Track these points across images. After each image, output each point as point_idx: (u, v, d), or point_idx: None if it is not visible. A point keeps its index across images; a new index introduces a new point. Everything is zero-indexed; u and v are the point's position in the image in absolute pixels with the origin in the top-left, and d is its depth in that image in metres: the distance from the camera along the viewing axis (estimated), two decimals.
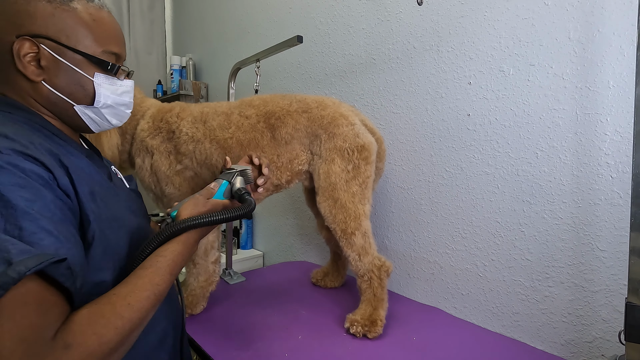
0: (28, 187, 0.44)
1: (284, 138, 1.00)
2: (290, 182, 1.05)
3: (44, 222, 0.43)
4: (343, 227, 0.98)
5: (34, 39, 0.55)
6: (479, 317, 1.06)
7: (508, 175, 0.99)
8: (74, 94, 0.60)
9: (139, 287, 0.50)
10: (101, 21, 0.60)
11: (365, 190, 0.99)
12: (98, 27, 0.59)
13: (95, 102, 0.61)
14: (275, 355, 0.86)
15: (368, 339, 0.93)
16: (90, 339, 0.42)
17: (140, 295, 0.49)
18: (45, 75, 0.57)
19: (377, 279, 0.97)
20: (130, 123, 1.04)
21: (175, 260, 0.57)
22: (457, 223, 1.10)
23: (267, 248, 1.88)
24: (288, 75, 1.67)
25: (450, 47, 1.09)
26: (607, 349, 0.85)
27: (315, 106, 1.02)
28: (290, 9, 1.65)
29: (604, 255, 0.85)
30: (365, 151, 0.98)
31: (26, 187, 0.43)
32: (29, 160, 0.46)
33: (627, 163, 0.81)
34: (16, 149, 0.46)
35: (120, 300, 0.47)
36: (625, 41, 0.81)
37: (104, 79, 0.61)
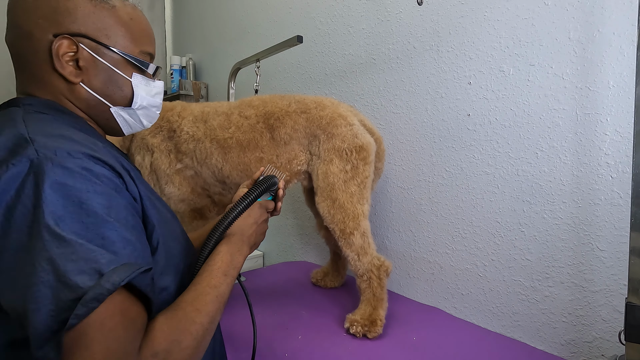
0: (104, 194, 0.42)
1: (282, 138, 1.00)
2: (289, 182, 1.05)
3: (122, 230, 0.42)
4: (342, 227, 0.98)
5: (73, 38, 0.52)
6: (479, 317, 1.06)
7: (508, 175, 0.99)
8: (111, 95, 0.57)
9: (201, 292, 0.50)
10: (137, 20, 0.58)
11: (363, 191, 0.99)
12: (135, 27, 0.57)
13: (132, 103, 0.60)
14: (275, 355, 0.86)
15: (368, 339, 0.93)
16: (172, 346, 0.42)
17: (205, 299, 0.49)
18: (84, 76, 0.55)
19: (376, 279, 0.97)
20: None
21: (224, 260, 0.57)
22: (457, 223, 1.10)
23: (267, 248, 1.88)
24: (288, 75, 1.67)
25: (450, 47, 1.09)
26: (607, 349, 0.85)
27: (314, 107, 1.02)
28: (290, 9, 1.65)
29: (604, 255, 0.85)
30: (363, 151, 0.99)
31: (102, 194, 0.42)
32: (99, 164, 0.44)
33: (627, 163, 0.81)
34: (86, 153, 0.43)
35: (189, 307, 0.47)
36: (625, 41, 0.81)
37: (141, 79, 0.59)
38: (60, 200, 0.38)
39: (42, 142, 0.42)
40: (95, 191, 0.41)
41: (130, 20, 0.57)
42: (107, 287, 0.37)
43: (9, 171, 0.39)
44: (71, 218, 0.39)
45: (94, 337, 0.36)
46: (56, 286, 0.36)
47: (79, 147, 0.44)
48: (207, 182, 1.06)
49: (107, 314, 0.37)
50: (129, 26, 0.57)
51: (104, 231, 0.40)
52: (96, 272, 0.37)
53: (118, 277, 0.38)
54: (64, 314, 0.35)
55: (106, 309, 0.37)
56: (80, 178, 0.41)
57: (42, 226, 0.37)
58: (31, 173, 0.39)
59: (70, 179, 0.40)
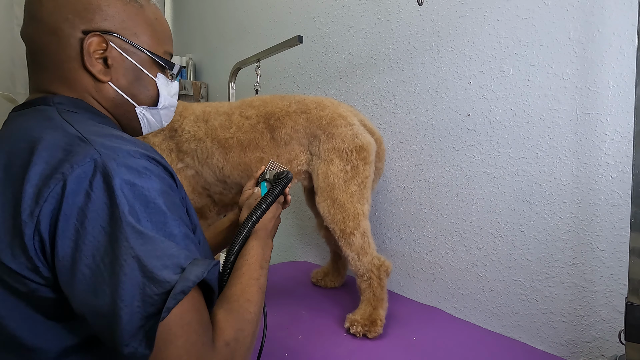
0: (165, 193, 0.43)
1: (283, 139, 1.00)
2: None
3: (183, 227, 0.43)
4: (342, 227, 0.98)
5: (104, 36, 0.51)
6: (479, 317, 1.06)
7: (508, 175, 0.99)
8: (137, 95, 0.57)
9: (247, 285, 0.53)
10: (161, 20, 0.58)
11: (364, 190, 0.99)
12: (159, 27, 0.58)
13: (158, 103, 0.60)
14: (275, 355, 0.86)
15: (368, 339, 0.93)
16: (238, 334, 0.44)
17: (252, 291, 0.52)
18: (112, 75, 0.54)
19: (376, 279, 0.97)
20: None
21: (258, 254, 0.59)
22: (457, 223, 1.10)
23: None
24: (288, 75, 1.67)
25: (450, 47, 1.09)
26: (607, 349, 0.85)
27: (314, 107, 1.02)
28: (290, 9, 1.65)
29: (604, 255, 0.85)
30: (363, 151, 0.99)
31: (164, 193, 0.42)
32: (154, 163, 0.44)
33: (627, 163, 0.81)
34: (144, 153, 0.43)
35: (241, 299, 0.50)
36: (625, 41, 0.81)
37: (163, 79, 0.59)
38: (133, 199, 0.39)
39: (100, 142, 0.42)
40: (158, 190, 0.42)
41: (156, 20, 0.57)
42: (193, 280, 0.38)
43: (74, 172, 0.38)
44: (145, 216, 0.39)
45: (177, 331, 0.37)
46: (143, 282, 0.37)
47: (135, 147, 0.43)
48: (208, 182, 1.06)
49: (186, 307, 0.38)
50: (155, 26, 0.57)
51: (171, 229, 0.41)
52: (178, 267, 0.38)
53: (199, 271, 0.39)
54: (149, 309, 0.36)
55: (186, 303, 0.38)
56: (145, 177, 0.41)
57: (125, 224, 0.37)
58: (97, 173, 0.39)
59: (137, 178, 0.40)
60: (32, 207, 0.37)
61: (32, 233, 0.37)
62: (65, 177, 0.38)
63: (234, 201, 1.07)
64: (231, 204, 1.08)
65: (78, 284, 0.37)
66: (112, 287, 0.36)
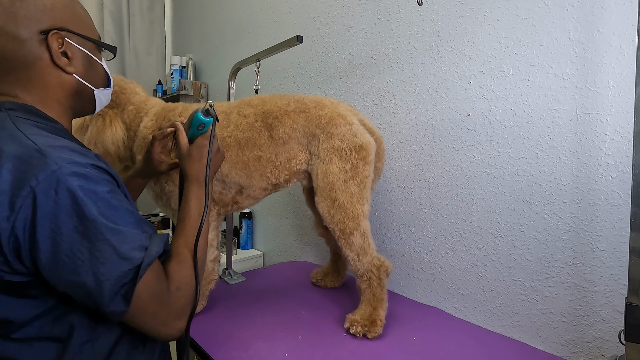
0: (115, 192, 0.53)
1: (281, 137, 1.00)
2: (288, 181, 1.05)
3: (136, 215, 0.54)
4: (341, 227, 0.97)
5: (61, 32, 0.58)
6: (479, 317, 1.06)
7: (508, 175, 0.99)
8: (92, 80, 0.65)
9: (189, 236, 0.64)
10: (85, 10, 0.65)
11: (363, 190, 0.99)
12: (87, 16, 0.65)
13: (110, 83, 0.68)
14: (275, 355, 0.86)
15: (368, 339, 0.93)
16: (186, 279, 0.59)
17: (192, 240, 0.64)
18: (74, 67, 0.60)
19: (376, 279, 0.97)
20: (134, 120, 1.05)
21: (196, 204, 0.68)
22: (457, 223, 1.10)
23: (267, 248, 1.88)
24: (288, 75, 1.67)
25: (450, 47, 1.09)
26: (607, 349, 0.85)
27: (313, 106, 1.02)
28: (290, 9, 1.65)
29: (604, 255, 0.85)
30: (363, 151, 0.98)
31: (115, 192, 0.52)
32: (100, 171, 0.52)
33: (627, 163, 0.81)
34: (93, 163, 0.52)
35: (185, 249, 0.62)
36: (625, 41, 0.81)
37: (104, 61, 0.68)
38: (95, 201, 0.49)
39: (56, 155, 0.49)
40: (111, 191, 0.52)
41: (82, 8, 0.64)
42: (153, 255, 0.53)
43: (39, 185, 0.46)
44: (108, 213, 0.50)
45: (145, 289, 0.51)
46: (119, 262, 0.49)
47: (84, 158, 0.51)
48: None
49: (150, 274, 0.52)
50: (85, 16, 0.64)
51: (128, 219, 0.52)
52: (143, 248, 0.52)
53: (158, 247, 0.54)
54: (124, 280, 0.49)
55: (149, 271, 0.52)
56: (97, 183, 0.50)
57: (98, 223, 0.48)
58: (60, 183, 0.47)
59: (92, 184, 0.49)
60: (7, 214, 0.46)
61: (8, 235, 0.46)
62: (34, 189, 0.46)
63: (234, 200, 1.07)
64: (231, 203, 1.08)
65: (60, 270, 0.48)
66: (94, 268, 0.48)
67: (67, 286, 0.49)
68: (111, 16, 2.40)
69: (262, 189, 1.05)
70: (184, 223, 0.67)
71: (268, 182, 1.03)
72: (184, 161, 0.73)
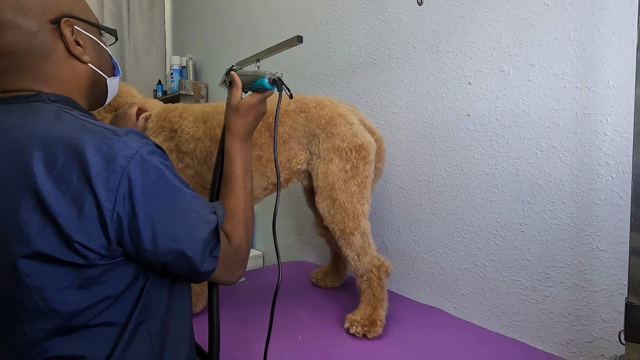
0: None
1: (281, 137, 1.00)
2: (289, 181, 1.05)
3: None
4: (342, 227, 0.97)
5: (71, 20, 0.55)
6: (479, 317, 1.06)
7: (508, 175, 0.99)
8: (104, 68, 0.62)
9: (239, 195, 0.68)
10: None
11: (364, 190, 0.99)
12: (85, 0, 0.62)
13: (116, 71, 0.66)
14: (275, 355, 0.86)
15: (368, 339, 0.93)
16: (243, 237, 0.65)
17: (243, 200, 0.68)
18: (88, 55, 0.58)
19: (376, 279, 0.97)
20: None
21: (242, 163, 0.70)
22: (457, 223, 1.10)
23: (267, 248, 1.88)
24: (288, 75, 1.67)
25: (450, 47, 1.09)
26: (607, 349, 0.85)
27: (313, 106, 1.02)
28: (290, 9, 1.65)
29: (604, 255, 0.85)
30: (363, 151, 0.98)
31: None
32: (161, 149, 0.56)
33: (627, 163, 0.81)
34: (152, 142, 0.54)
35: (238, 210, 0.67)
36: (625, 41, 0.81)
37: (108, 47, 0.64)
38: (175, 174, 0.54)
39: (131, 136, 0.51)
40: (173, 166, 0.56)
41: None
42: (222, 216, 0.60)
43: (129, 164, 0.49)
44: (185, 183, 0.55)
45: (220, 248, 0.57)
46: (204, 226, 0.55)
47: (150, 139, 0.54)
48: (208, 181, 1.06)
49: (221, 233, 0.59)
50: (84, 1, 0.61)
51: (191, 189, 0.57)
52: (213, 211, 0.58)
53: (221, 210, 0.61)
54: (210, 242, 0.55)
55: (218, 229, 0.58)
56: (169, 160, 0.55)
57: (184, 192, 0.54)
58: (144, 160, 0.50)
59: (167, 160, 0.54)
60: (107, 195, 0.47)
61: (111, 215, 0.48)
62: (126, 169, 0.48)
63: None
64: None
65: (161, 241, 0.51)
66: (188, 234, 0.53)
67: (167, 255, 0.52)
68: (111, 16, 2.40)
69: (262, 189, 1.05)
70: (232, 182, 0.69)
71: (268, 181, 1.03)
72: (230, 113, 0.72)
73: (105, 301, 0.51)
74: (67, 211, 0.46)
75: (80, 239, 0.47)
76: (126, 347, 0.52)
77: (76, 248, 0.47)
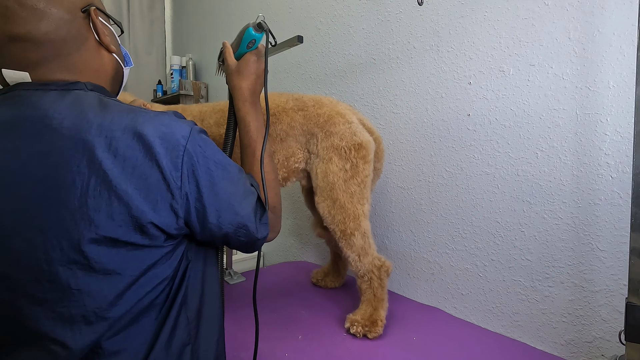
0: None
1: (279, 135, 1.00)
2: (287, 179, 1.04)
3: None
4: (342, 227, 0.97)
5: (97, 10, 0.56)
6: (479, 317, 1.06)
7: (508, 175, 0.99)
8: (121, 57, 0.62)
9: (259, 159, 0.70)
10: None
11: (364, 190, 0.99)
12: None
13: (127, 61, 0.65)
14: (275, 355, 0.86)
15: (368, 339, 0.93)
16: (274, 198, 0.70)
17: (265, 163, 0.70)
18: (112, 45, 0.59)
19: (377, 279, 0.97)
20: None
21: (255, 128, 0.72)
22: (457, 223, 1.10)
23: (267, 248, 1.88)
24: (288, 75, 1.67)
25: (450, 47, 1.09)
26: (607, 349, 0.85)
27: (311, 104, 1.02)
28: (290, 9, 1.65)
29: (604, 255, 0.85)
30: (362, 150, 0.98)
31: None
32: None
33: (627, 163, 0.81)
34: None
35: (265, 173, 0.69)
36: (625, 41, 0.81)
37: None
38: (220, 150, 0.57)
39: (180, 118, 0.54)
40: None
41: None
42: (257, 186, 0.64)
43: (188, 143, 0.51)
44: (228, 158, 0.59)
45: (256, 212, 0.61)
46: (251, 196, 0.59)
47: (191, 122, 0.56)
48: None
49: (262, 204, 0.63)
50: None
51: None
52: (255, 183, 0.64)
53: (251, 179, 0.64)
54: (259, 210, 0.60)
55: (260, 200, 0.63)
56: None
57: (232, 166, 0.58)
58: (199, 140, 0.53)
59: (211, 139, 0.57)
60: (175, 174, 0.50)
61: (180, 192, 0.50)
62: (186, 148, 0.51)
63: None
64: None
65: (223, 212, 0.54)
66: (244, 205, 0.57)
67: (229, 227, 0.56)
68: None
69: None
70: (251, 148, 0.71)
71: None
72: (232, 78, 0.72)
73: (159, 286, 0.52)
74: (137, 192, 0.48)
75: (153, 218, 0.48)
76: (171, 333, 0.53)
77: (146, 229, 0.48)
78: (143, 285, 0.50)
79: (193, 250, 0.58)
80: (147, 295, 0.51)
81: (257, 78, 0.72)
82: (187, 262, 0.56)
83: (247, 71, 0.71)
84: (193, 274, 0.57)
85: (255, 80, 0.72)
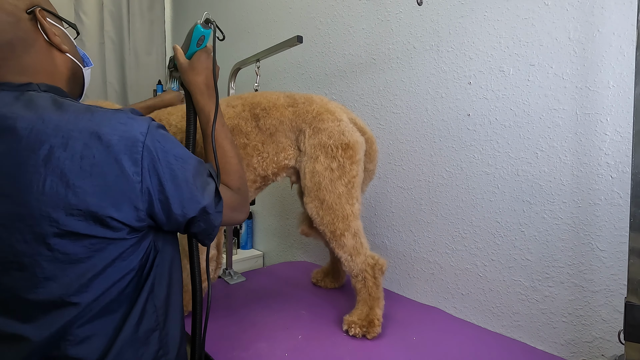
0: None
1: (268, 129, 0.99)
2: (277, 175, 1.04)
3: None
4: (332, 229, 0.96)
5: (44, 11, 0.55)
6: (479, 317, 1.06)
7: (508, 175, 0.99)
8: (78, 58, 0.62)
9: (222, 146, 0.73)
10: None
11: (352, 190, 0.97)
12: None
13: (86, 62, 0.66)
14: (275, 355, 0.86)
15: (367, 339, 0.93)
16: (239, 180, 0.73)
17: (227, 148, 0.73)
18: (64, 45, 0.58)
19: (371, 278, 0.97)
20: None
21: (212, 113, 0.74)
22: (457, 223, 1.10)
23: (267, 248, 1.88)
24: (288, 75, 1.67)
25: (450, 47, 1.09)
26: (607, 349, 0.85)
27: (302, 101, 1.02)
28: (290, 9, 1.65)
29: (604, 255, 0.85)
30: (350, 150, 0.97)
31: None
32: None
33: (627, 163, 0.81)
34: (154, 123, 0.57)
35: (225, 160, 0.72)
36: (625, 41, 0.81)
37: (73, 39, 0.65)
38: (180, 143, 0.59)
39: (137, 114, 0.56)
40: None
41: None
42: (218, 177, 0.67)
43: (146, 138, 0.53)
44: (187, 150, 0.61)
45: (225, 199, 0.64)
46: (209, 186, 0.61)
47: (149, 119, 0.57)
48: None
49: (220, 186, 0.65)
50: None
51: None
52: (214, 172, 0.65)
53: (210, 167, 0.65)
54: (217, 198, 0.62)
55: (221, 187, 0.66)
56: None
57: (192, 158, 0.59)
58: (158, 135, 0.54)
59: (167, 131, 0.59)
60: (134, 169, 0.51)
61: (141, 186, 0.52)
62: (145, 143, 0.52)
63: None
64: None
65: (186, 203, 0.56)
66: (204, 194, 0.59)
67: (194, 213, 0.57)
68: (111, 16, 2.40)
69: (251, 182, 1.04)
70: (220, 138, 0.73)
71: (256, 173, 1.01)
72: (186, 75, 0.74)
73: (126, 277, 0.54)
74: (95, 189, 0.49)
75: (112, 212, 0.50)
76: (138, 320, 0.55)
77: (106, 222, 0.50)
78: (110, 275, 0.52)
79: (160, 241, 0.60)
80: (115, 285, 0.53)
81: (208, 70, 0.76)
82: (156, 252, 0.59)
83: (200, 67, 0.74)
84: (161, 262, 0.60)
85: (208, 75, 0.75)
